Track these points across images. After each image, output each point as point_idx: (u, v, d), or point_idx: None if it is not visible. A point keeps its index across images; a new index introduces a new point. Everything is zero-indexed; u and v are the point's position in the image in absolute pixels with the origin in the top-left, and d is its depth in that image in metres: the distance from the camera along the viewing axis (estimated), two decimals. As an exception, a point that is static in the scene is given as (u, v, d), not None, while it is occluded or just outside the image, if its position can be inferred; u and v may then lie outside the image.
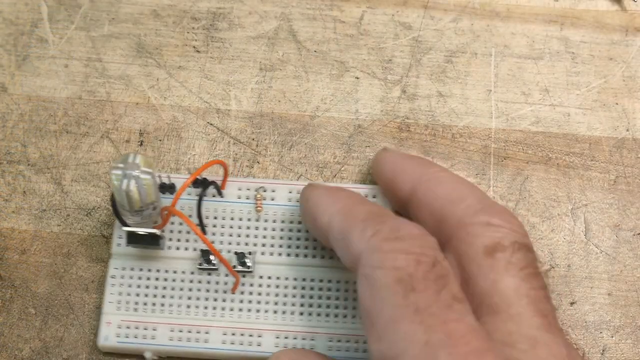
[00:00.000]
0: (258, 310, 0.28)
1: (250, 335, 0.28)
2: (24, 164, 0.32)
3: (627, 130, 0.33)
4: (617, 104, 0.33)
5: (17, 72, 0.33)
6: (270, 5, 0.35)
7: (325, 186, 0.27)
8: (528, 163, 0.32)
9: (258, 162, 0.32)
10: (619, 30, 0.35)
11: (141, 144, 0.32)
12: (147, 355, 0.28)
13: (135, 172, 0.26)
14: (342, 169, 0.32)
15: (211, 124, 0.32)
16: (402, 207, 0.28)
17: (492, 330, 0.21)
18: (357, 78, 0.33)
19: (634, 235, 0.31)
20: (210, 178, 0.29)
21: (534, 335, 0.21)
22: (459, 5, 0.35)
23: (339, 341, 0.28)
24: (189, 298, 0.28)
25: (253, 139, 0.32)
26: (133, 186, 0.25)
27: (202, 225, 0.29)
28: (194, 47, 0.34)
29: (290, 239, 0.29)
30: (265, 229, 0.29)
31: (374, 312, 0.21)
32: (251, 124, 0.32)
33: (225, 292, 0.28)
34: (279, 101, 0.33)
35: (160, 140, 0.32)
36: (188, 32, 0.34)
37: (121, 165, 0.26)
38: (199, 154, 0.32)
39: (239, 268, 0.28)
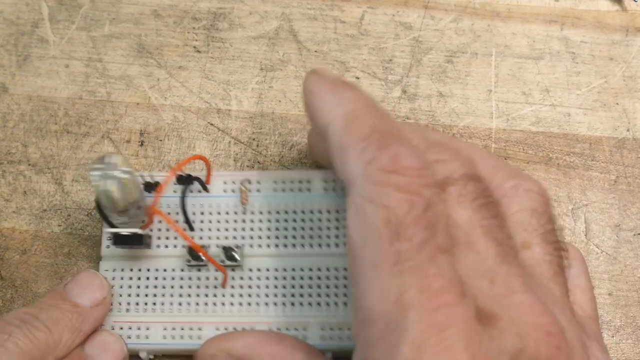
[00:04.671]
0: (249, 304, 0.28)
1: (243, 329, 0.28)
2: (25, 164, 0.32)
3: (628, 130, 0.33)
4: (617, 104, 0.33)
5: (17, 72, 0.33)
6: (270, 5, 0.35)
7: (331, 79, 0.24)
8: (529, 163, 0.32)
9: (259, 162, 0.32)
10: (619, 30, 0.34)
11: (142, 144, 0.32)
12: (143, 355, 0.28)
13: (114, 172, 0.26)
14: (343, 169, 0.32)
15: (212, 124, 0.33)
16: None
17: (454, 265, 0.20)
18: (358, 78, 0.33)
19: (634, 235, 0.31)
20: (196, 174, 0.29)
21: (491, 269, 0.21)
22: (460, 5, 0.35)
23: (331, 329, 0.28)
24: (180, 295, 0.28)
25: (254, 139, 0.32)
26: (111, 186, 0.25)
27: (188, 222, 0.29)
28: (195, 47, 0.34)
29: (277, 229, 0.29)
30: (252, 221, 0.29)
31: (359, 248, 0.20)
32: (252, 124, 0.33)
33: (215, 287, 0.28)
34: (280, 101, 0.33)
35: (161, 141, 0.32)
36: (189, 32, 0.34)
37: (99, 166, 0.26)
38: (200, 154, 0.32)
39: (228, 262, 0.28)
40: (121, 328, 0.28)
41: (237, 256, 0.28)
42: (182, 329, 0.28)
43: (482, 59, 0.34)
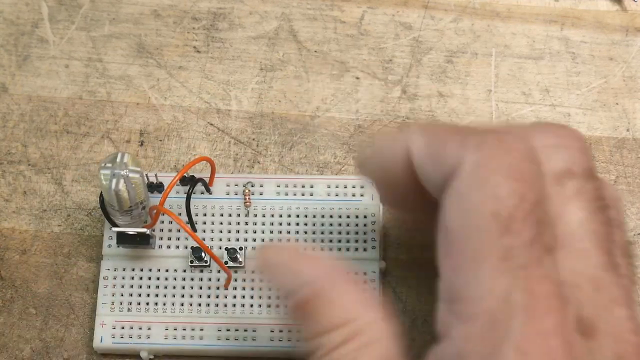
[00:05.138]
0: (252, 305, 0.28)
1: (245, 330, 0.28)
2: (25, 164, 0.32)
3: (628, 130, 0.33)
4: (617, 104, 0.33)
5: (17, 72, 0.33)
6: (270, 5, 0.35)
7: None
8: (528, 163, 0.32)
9: (258, 162, 0.32)
10: (619, 30, 0.35)
11: (142, 144, 0.32)
12: (143, 354, 0.28)
13: (124, 172, 0.26)
14: (343, 169, 0.32)
15: (211, 124, 0.33)
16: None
17: (558, 267, 0.19)
18: (358, 78, 0.33)
19: (634, 235, 0.31)
20: (197, 175, 0.29)
21: (597, 276, 0.19)
22: (460, 6, 0.35)
23: None
24: (182, 296, 0.28)
25: (253, 139, 0.32)
26: (122, 185, 0.26)
27: (191, 223, 0.29)
28: (195, 47, 0.34)
29: (280, 232, 0.29)
30: (255, 223, 0.29)
31: (459, 238, 0.19)
32: (251, 124, 0.33)
33: (217, 288, 0.28)
34: (280, 101, 0.33)
35: (161, 141, 0.32)
36: (188, 32, 0.34)
37: (109, 164, 0.26)
38: (200, 154, 0.32)
39: (231, 264, 0.28)
40: (122, 328, 0.28)
41: (240, 258, 0.29)
42: (184, 329, 0.28)
43: (482, 59, 0.34)
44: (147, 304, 0.28)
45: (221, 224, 0.29)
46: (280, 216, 0.29)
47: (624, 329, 0.19)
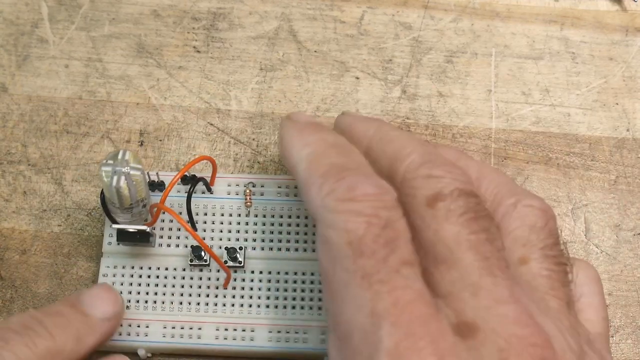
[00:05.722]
0: (250, 305, 0.28)
1: (243, 330, 0.28)
2: (25, 164, 0.32)
3: (628, 130, 0.33)
4: (617, 104, 0.33)
5: (17, 72, 0.33)
6: (270, 5, 0.35)
7: (299, 123, 0.27)
8: (528, 163, 0.32)
9: (258, 162, 0.32)
10: (619, 30, 0.35)
11: (141, 144, 0.32)
12: (141, 352, 0.28)
13: (125, 169, 0.26)
14: (343, 169, 0.32)
15: (211, 124, 0.33)
16: None
17: (438, 281, 0.21)
18: (358, 78, 0.33)
19: (634, 235, 0.31)
20: (199, 174, 0.29)
21: (474, 282, 0.21)
22: (459, 6, 0.35)
23: None
24: (181, 294, 0.28)
25: (253, 139, 0.32)
26: (123, 182, 0.26)
27: (192, 222, 0.29)
28: (195, 47, 0.34)
29: (280, 233, 0.29)
30: (255, 224, 0.29)
31: (329, 272, 0.22)
32: (251, 124, 0.33)
33: (217, 287, 0.28)
34: (280, 101, 0.33)
35: (161, 141, 0.32)
36: (188, 32, 0.34)
37: (111, 161, 0.26)
38: (200, 154, 0.32)
39: (230, 263, 0.28)
40: (120, 325, 0.28)
41: (240, 258, 0.29)
42: (182, 328, 0.28)
43: (482, 59, 0.34)
44: (146, 302, 0.28)
45: (221, 223, 0.29)
46: (281, 217, 0.29)
47: (508, 324, 0.20)
